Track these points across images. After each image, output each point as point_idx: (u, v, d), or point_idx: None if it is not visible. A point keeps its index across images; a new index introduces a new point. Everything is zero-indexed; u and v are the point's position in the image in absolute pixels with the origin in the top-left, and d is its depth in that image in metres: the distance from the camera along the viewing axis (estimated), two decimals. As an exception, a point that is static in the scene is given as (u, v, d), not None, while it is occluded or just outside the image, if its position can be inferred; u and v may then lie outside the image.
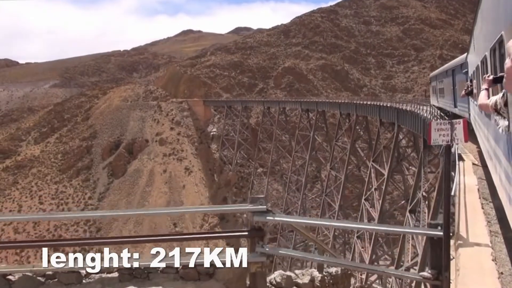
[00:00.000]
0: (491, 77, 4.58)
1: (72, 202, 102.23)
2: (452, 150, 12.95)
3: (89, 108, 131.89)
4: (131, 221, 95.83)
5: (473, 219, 6.39)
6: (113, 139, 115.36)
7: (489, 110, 4.17)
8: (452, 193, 7.13)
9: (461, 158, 12.14)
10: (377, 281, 50.84)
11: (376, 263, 54.50)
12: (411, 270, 29.36)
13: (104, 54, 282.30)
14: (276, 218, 5.18)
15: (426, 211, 25.91)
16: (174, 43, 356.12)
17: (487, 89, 4.36)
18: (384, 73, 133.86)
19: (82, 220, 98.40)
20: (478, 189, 8.20)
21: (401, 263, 33.88)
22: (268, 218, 5.12)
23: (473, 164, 11.68)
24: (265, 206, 4.97)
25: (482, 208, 7.01)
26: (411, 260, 31.62)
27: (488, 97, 4.21)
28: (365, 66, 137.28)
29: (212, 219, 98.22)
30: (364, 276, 44.47)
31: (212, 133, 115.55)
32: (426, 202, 27.83)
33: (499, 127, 4.58)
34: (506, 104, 3.70)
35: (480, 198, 7.55)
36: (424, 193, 27.66)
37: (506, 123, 4.17)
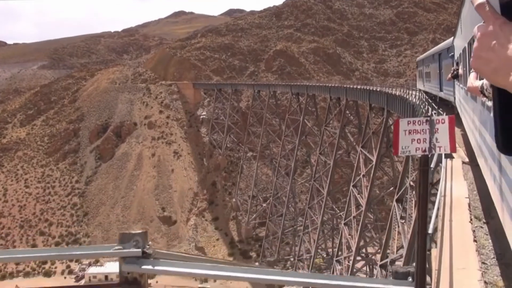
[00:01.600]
0: None
1: (58, 186, 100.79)
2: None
3: (76, 90, 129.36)
4: (118, 205, 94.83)
5: (461, 261, 4.72)
6: (100, 122, 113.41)
7: (477, 92, 3.53)
8: (435, 210, 5.56)
9: (448, 155, 9.97)
10: (364, 268, 50.50)
11: (364, 249, 54.13)
12: (396, 263, 28.73)
13: (94, 35, 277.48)
14: (156, 268, 2.88)
15: (414, 201, 25.07)
16: (166, 24, 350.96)
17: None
18: (376, 57, 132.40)
19: (69, 204, 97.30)
20: (469, 204, 6.55)
21: (387, 255, 33.26)
22: (144, 267, 2.88)
23: (463, 162, 9.86)
24: (140, 249, 2.79)
25: (474, 238, 5.24)
26: (397, 251, 30.94)
27: (477, 79, 3.58)
28: (357, 49, 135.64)
29: (201, 203, 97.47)
30: (350, 264, 43.96)
31: (201, 117, 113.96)
32: (414, 192, 26.97)
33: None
34: (492, 85, 3.00)
35: (471, 219, 5.88)
36: (411, 183, 26.75)
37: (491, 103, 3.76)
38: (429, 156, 4.32)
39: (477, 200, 7.23)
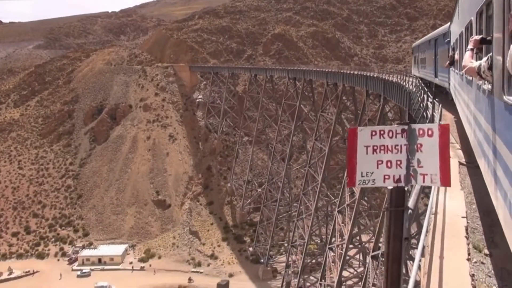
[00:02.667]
0: (478, 37, 4.41)
1: (52, 168, 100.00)
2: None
3: (71, 71, 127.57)
4: (113, 188, 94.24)
5: None
6: (95, 103, 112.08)
7: (473, 73, 4.06)
8: (422, 237, 3.80)
9: None
10: (357, 255, 50.23)
11: (358, 237, 53.83)
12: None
13: (91, 15, 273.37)
14: None
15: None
16: (164, 5, 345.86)
17: (472, 50, 4.17)
18: (375, 42, 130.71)
19: (63, 186, 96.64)
20: (467, 228, 5.07)
21: (379, 246, 32.77)
22: None
23: (460, 163, 8.06)
24: None
25: None
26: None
27: (473, 59, 4.05)
28: (356, 34, 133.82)
29: (196, 188, 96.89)
30: (343, 251, 43.59)
31: (198, 100, 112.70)
32: (407, 188, 26.25)
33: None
34: (490, 67, 3.65)
35: (469, 253, 4.36)
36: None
37: (489, 86, 4.03)
38: (406, 190, 2.89)
39: (477, 217, 5.77)
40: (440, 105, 11.09)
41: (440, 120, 9.76)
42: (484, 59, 3.63)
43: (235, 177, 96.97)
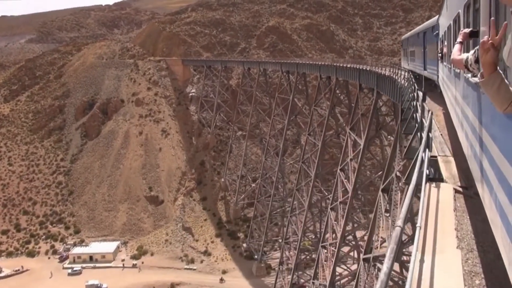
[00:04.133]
0: (467, 31, 4.38)
1: (43, 164, 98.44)
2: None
3: (62, 65, 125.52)
4: (104, 184, 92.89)
5: None
6: (87, 98, 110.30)
7: (461, 66, 4.07)
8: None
9: (435, 178, 6.91)
10: (351, 253, 49.27)
11: (352, 234, 52.80)
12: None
13: (84, 9, 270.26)
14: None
15: (399, 194, 23.24)
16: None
17: (461, 43, 4.20)
18: (370, 34, 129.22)
19: (54, 182, 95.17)
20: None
21: (371, 248, 31.63)
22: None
23: (456, 191, 6.14)
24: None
25: None
26: (381, 244, 29.34)
27: (461, 52, 4.08)
28: (351, 26, 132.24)
29: (189, 183, 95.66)
30: (335, 248, 42.54)
31: (191, 94, 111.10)
32: (400, 184, 25.11)
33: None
34: (477, 60, 3.66)
35: None
36: (398, 173, 24.81)
37: (476, 79, 4.07)
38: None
39: (478, 264, 3.97)
40: (430, 113, 9.88)
41: (429, 129, 8.28)
42: (471, 52, 3.59)
43: (228, 172, 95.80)
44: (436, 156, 7.86)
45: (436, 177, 6.96)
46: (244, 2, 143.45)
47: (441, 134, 9.65)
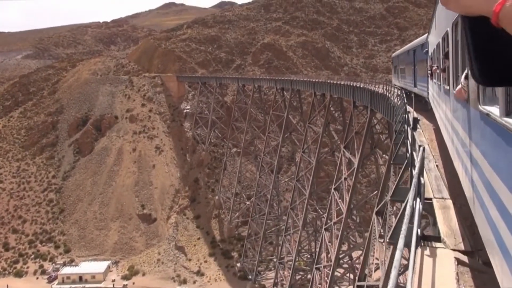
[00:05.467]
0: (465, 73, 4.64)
1: (34, 181, 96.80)
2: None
3: (56, 81, 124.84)
4: (96, 202, 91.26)
5: None
6: (80, 114, 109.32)
7: (462, 94, 4.25)
8: None
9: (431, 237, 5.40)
10: (346, 275, 47.86)
11: (348, 255, 51.46)
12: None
13: (81, 25, 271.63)
14: None
15: (394, 219, 22.26)
16: (156, 16, 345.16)
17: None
18: (366, 52, 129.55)
19: (45, 200, 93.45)
20: None
21: (365, 275, 30.38)
22: None
23: (459, 262, 4.48)
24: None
25: None
26: (374, 271, 28.19)
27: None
28: (346, 44, 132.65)
29: (182, 201, 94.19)
30: (329, 270, 41.18)
31: (185, 111, 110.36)
32: (394, 208, 24.15)
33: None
34: (466, 76, 3.95)
35: None
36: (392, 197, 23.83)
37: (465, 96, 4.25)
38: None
39: None
40: (422, 150, 8.77)
41: (421, 171, 7.13)
42: (463, 75, 3.91)
43: (223, 189, 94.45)
44: (431, 199, 6.57)
45: (431, 236, 5.39)
46: (240, 20, 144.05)
47: (436, 165, 8.52)
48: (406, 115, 13.00)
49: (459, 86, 4.09)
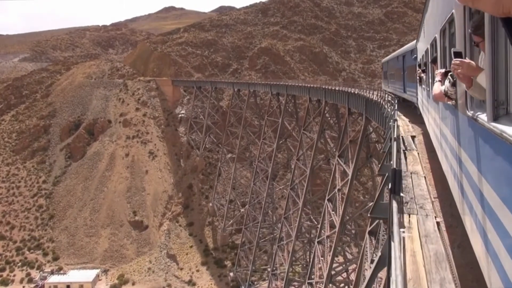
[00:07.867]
0: (443, 71, 4.75)
1: (24, 186, 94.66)
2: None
3: (50, 84, 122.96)
4: (87, 208, 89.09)
5: None
6: (73, 118, 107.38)
7: (442, 98, 4.37)
8: None
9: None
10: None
11: (343, 270, 49.37)
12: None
13: (79, 28, 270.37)
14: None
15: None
16: (155, 19, 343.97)
17: (440, 81, 4.57)
18: (364, 57, 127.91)
19: (35, 205, 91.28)
20: None
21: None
22: None
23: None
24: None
25: None
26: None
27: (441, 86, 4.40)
28: (344, 49, 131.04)
29: (175, 207, 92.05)
30: (322, 286, 39.12)
31: (180, 115, 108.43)
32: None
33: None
34: (453, 84, 3.94)
35: None
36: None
37: (453, 102, 4.31)
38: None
39: None
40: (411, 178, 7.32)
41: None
42: (447, 81, 3.93)
43: (217, 196, 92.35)
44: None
45: None
46: (237, 24, 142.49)
47: (428, 191, 6.48)
48: (393, 137, 10.67)
49: (439, 89, 4.08)
